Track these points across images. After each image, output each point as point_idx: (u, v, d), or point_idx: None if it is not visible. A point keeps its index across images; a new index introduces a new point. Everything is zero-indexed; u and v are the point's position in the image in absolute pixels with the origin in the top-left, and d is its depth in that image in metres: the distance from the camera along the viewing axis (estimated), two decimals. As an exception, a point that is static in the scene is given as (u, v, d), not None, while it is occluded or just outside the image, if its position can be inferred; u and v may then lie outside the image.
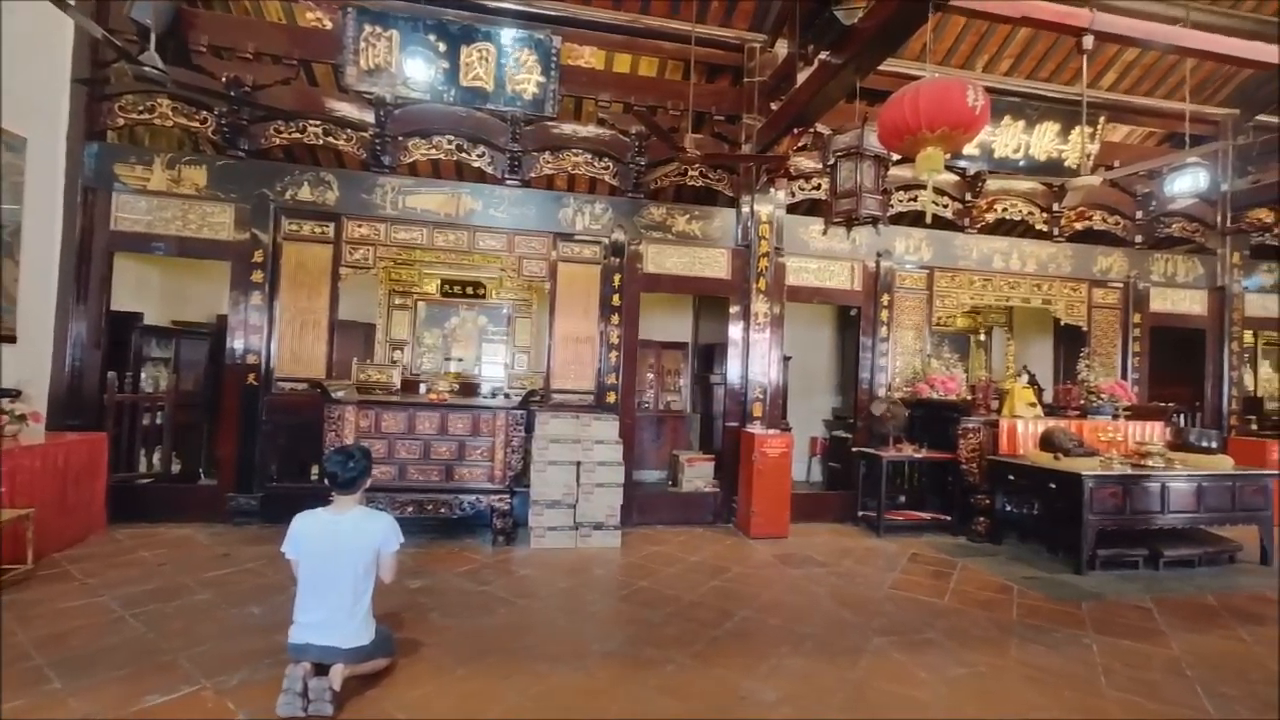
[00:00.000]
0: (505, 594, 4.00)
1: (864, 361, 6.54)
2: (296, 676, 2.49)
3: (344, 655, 2.59)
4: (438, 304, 7.75)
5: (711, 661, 3.16)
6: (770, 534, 5.52)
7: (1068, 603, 4.18)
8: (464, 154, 5.68)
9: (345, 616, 2.60)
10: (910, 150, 3.45)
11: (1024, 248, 7.03)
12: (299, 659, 2.57)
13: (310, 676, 2.52)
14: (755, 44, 5.99)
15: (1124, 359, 7.28)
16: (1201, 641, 3.61)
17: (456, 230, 5.76)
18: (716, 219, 6.20)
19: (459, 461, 5.04)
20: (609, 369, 5.96)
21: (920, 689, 2.96)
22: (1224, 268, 7.49)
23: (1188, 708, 2.85)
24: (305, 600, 2.64)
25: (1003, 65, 6.57)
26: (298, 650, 2.59)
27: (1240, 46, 4.58)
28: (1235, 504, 5.17)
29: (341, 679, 2.57)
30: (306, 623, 2.61)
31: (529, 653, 3.17)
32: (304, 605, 2.64)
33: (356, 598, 2.64)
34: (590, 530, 5.15)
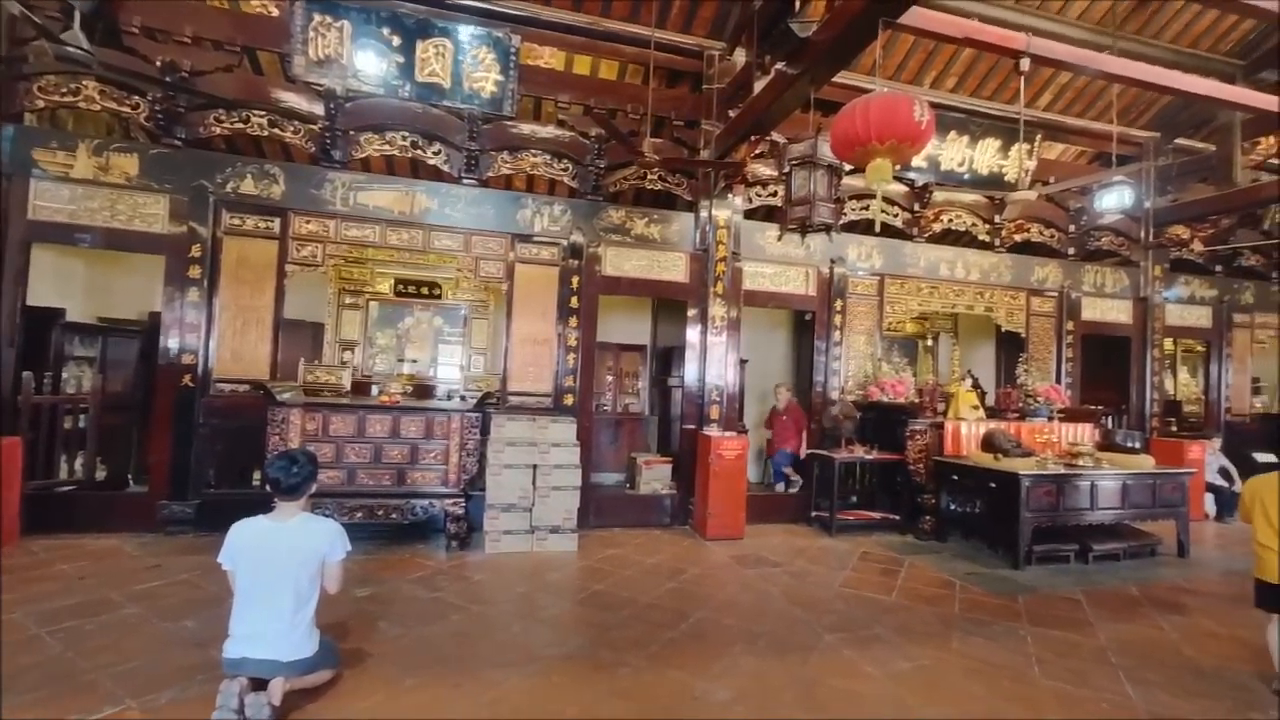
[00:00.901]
0: (458, 600, 3.91)
1: (818, 365, 6.70)
2: (232, 692, 2.37)
3: (284, 668, 2.48)
4: (391, 304, 7.53)
5: (666, 663, 3.17)
6: (726, 535, 5.58)
7: (1006, 597, 4.38)
8: (419, 151, 5.55)
9: (286, 627, 2.49)
10: (861, 161, 3.56)
11: (968, 257, 7.35)
12: (235, 674, 2.45)
13: (247, 692, 2.40)
14: (714, 51, 6.06)
15: (1058, 364, 7.68)
16: (1126, 631, 3.84)
17: (411, 229, 5.62)
18: (675, 223, 6.24)
19: (412, 465, 4.91)
20: (567, 371, 5.92)
21: (867, 684, 3.04)
22: (1146, 280, 8.01)
23: (1112, 694, 3.02)
24: (242, 611, 2.52)
25: (949, 82, 6.85)
26: (233, 665, 2.47)
27: (1160, 74, 4.93)
28: (1156, 500, 5.52)
29: (282, 693, 2.46)
30: (243, 635, 2.49)
31: (482, 660, 3.12)
32: (241, 617, 2.51)
33: (298, 607, 2.53)
34: (547, 533, 5.10)
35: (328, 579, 2.68)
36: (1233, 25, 6.61)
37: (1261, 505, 3.05)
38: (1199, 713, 2.87)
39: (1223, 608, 4.28)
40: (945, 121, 6.65)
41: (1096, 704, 2.92)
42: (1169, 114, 7.54)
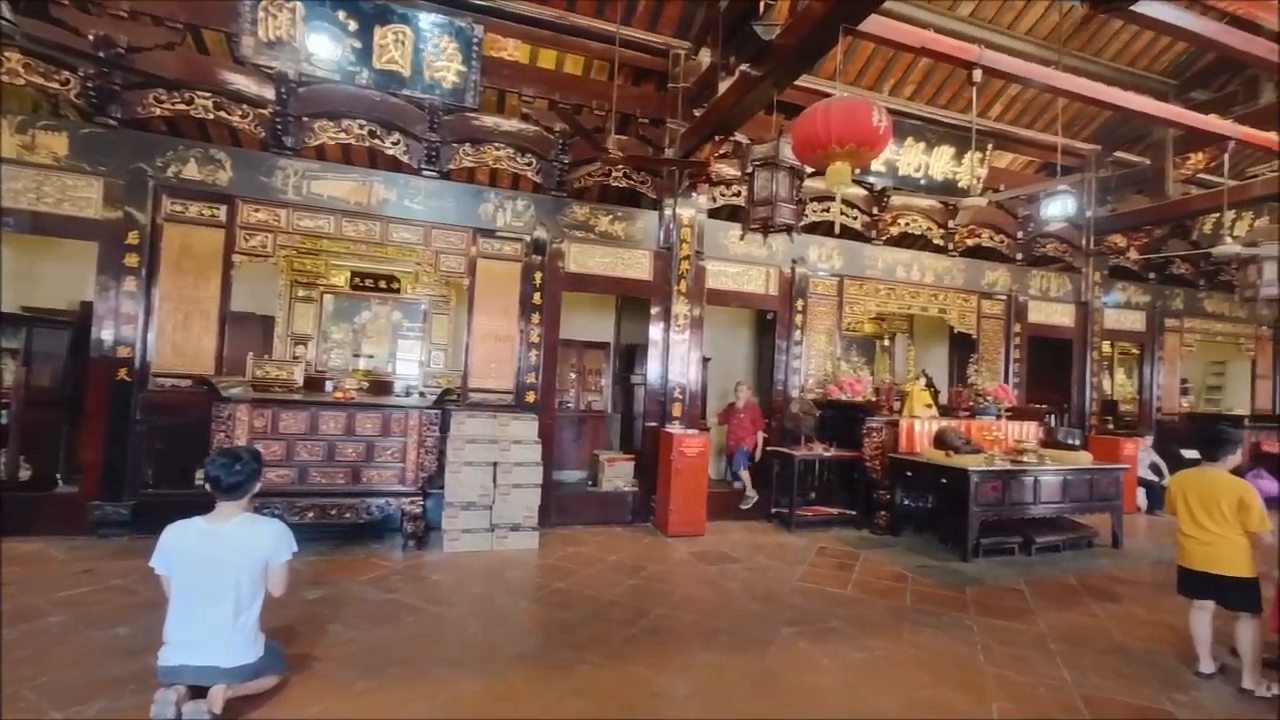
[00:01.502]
0: (414, 601, 3.83)
1: (779, 364, 6.82)
2: (168, 701, 2.26)
3: (225, 675, 2.38)
4: (347, 297, 7.30)
5: (626, 660, 3.17)
6: (687, 532, 5.62)
7: (954, 588, 4.54)
8: (377, 140, 5.39)
9: (226, 633, 2.38)
10: (821, 163, 3.62)
11: (923, 260, 7.58)
12: (172, 682, 2.34)
13: (185, 701, 2.29)
14: (680, 51, 6.08)
15: (1006, 365, 8.01)
16: (1064, 618, 4.03)
17: (368, 220, 5.46)
18: (639, 221, 6.25)
19: (367, 463, 4.78)
20: (529, 368, 5.86)
21: (822, 675, 3.11)
22: (1087, 285, 8.42)
23: (1050, 678, 3.17)
24: (178, 617, 2.40)
25: (907, 90, 7.06)
26: (170, 673, 2.35)
27: (1101, 90, 5.18)
28: (1093, 494, 5.81)
29: (223, 701, 2.36)
30: (180, 641, 2.37)
31: (437, 661, 3.06)
32: (177, 623, 2.39)
33: (239, 611, 2.42)
34: (507, 532, 5.04)
35: (272, 582, 2.58)
36: (1166, 47, 7.02)
37: (1184, 498, 3.25)
38: (1127, 694, 3.03)
39: (1151, 595, 4.53)
40: (903, 128, 6.84)
41: (1035, 688, 3.05)
42: (1109, 128, 7.94)
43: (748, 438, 6.80)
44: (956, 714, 2.80)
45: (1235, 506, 3.06)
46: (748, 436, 6.80)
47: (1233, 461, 3.28)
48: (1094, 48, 6.95)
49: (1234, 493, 3.09)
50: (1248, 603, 3.08)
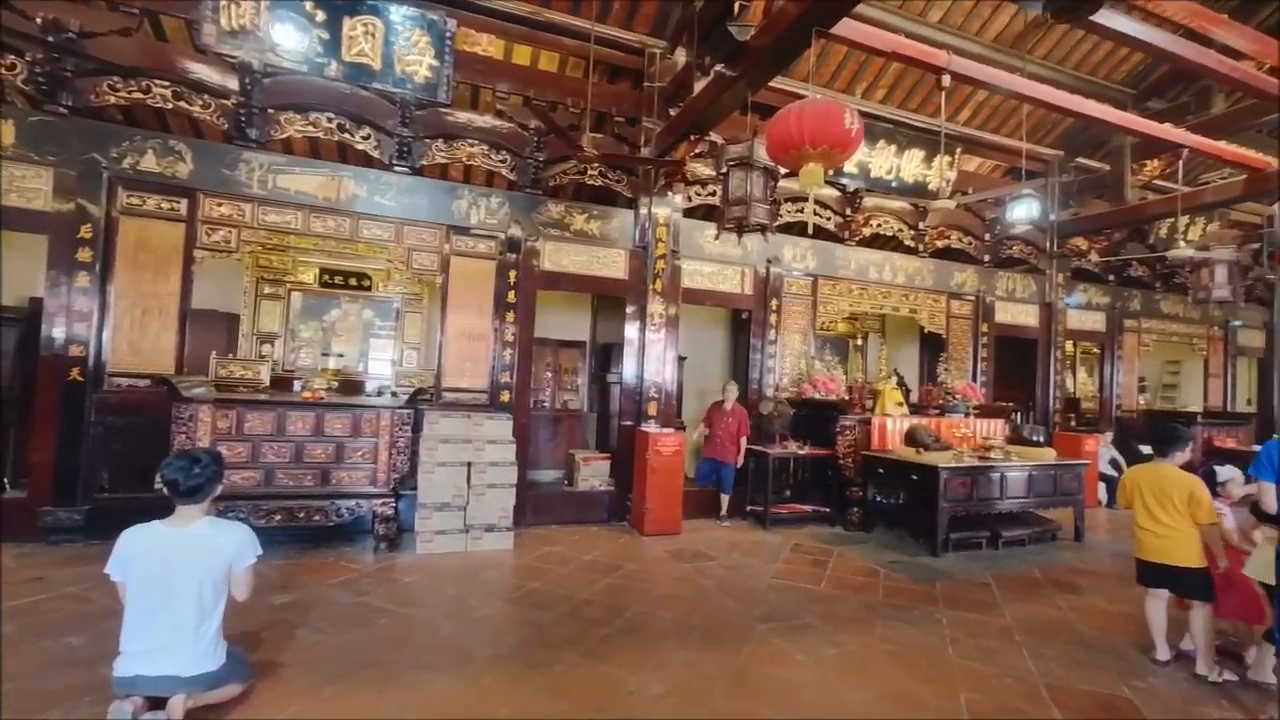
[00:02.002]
0: (386, 604, 3.76)
1: (754, 362, 6.87)
2: (125, 712, 2.18)
3: (185, 684, 2.30)
4: (316, 295, 7.12)
5: (601, 659, 3.16)
6: (663, 530, 5.63)
7: (925, 583, 4.63)
8: (347, 134, 5.26)
9: (187, 641, 2.30)
10: (795, 164, 3.66)
11: (895, 261, 7.72)
12: (128, 693, 2.25)
13: (142, 712, 2.21)
14: (656, 50, 6.09)
15: (974, 364, 8.21)
16: (1028, 610, 4.14)
17: (337, 216, 5.33)
18: (615, 219, 6.23)
19: (337, 464, 4.67)
20: (504, 367, 5.80)
21: (796, 670, 3.14)
22: (1051, 286, 8.67)
23: (1015, 668, 3.25)
24: (135, 625, 2.31)
25: (878, 94, 7.17)
26: (126, 684, 2.27)
27: (1063, 97, 5.33)
28: (1056, 489, 5.99)
29: (183, 711, 2.28)
30: (137, 651, 2.28)
31: (409, 664, 3.01)
32: (134, 631, 2.30)
33: (202, 618, 2.35)
34: (482, 532, 4.98)
35: (236, 587, 2.50)
36: (1124, 57, 7.26)
37: (1139, 492, 3.37)
38: (1087, 682, 3.13)
39: (1111, 587, 4.69)
40: (875, 131, 6.95)
41: (1001, 679, 3.13)
42: (1071, 134, 8.19)
43: (731, 448, 6.17)
44: (926, 706, 2.85)
45: (1186, 500, 3.18)
46: (731, 447, 6.17)
47: (1183, 457, 3.41)
48: (1057, 56, 7.16)
49: (1185, 487, 3.21)
50: (1200, 591, 3.20)
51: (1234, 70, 4.83)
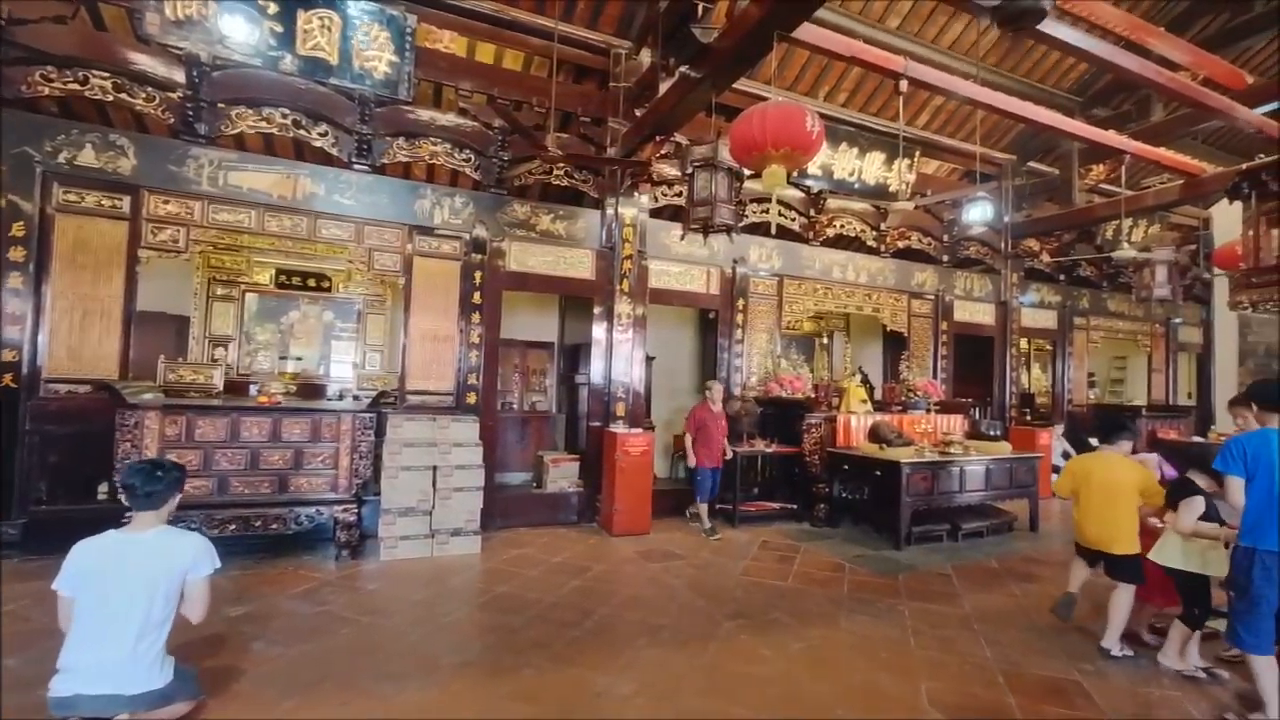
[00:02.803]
0: (348, 612, 3.66)
1: (721, 362, 6.92)
2: (62, 736, 2.06)
3: (129, 704, 2.19)
4: (273, 296, 6.88)
5: (569, 661, 3.14)
6: (632, 531, 5.62)
7: (888, 576, 4.74)
8: (303, 131, 5.11)
9: (128, 657, 2.19)
10: (758, 165, 3.70)
11: (858, 261, 7.88)
12: (65, 715, 2.14)
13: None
14: (621, 50, 6.09)
15: (935, 361, 8.44)
16: (986, 600, 4.28)
17: (294, 215, 5.17)
18: (581, 220, 6.20)
19: (295, 471, 4.53)
20: (470, 369, 5.72)
21: (764, 666, 3.18)
22: (1006, 286, 8.98)
23: (974, 656, 3.36)
24: (78, 640, 2.19)
25: (840, 97, 7.32)
26: (63, 705, 2.15)
27: (1015, 104, 5.52)
28: (1012, 482, 6.20)
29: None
30: (76, 668, 2.16)
31: (372, 673, 2.94)
32: (75, 646, 2.18)
33: (146, 632, 2.23)
34: (448, 537, 4.90)
35: (191, 601, 2.38)
36: (1071, 66, 7.57)
37: (1088, 481, 3.54)
38: (1040, 667, 3.25)
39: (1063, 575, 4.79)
40: (838, 134, 7.09)
41: (960, 667, 3.22)
42: (1023, 140, 8.50)
43: (716, 451, 5.86)
44: (888, 696, 2.91)
45: (1135, 484, 3.39)
46: (716, 450, 5.85)
47: (1128, 447, 3.58)
48: (1009, 64, 7.42)
49: (1135, 474, 3.41)
50: (1132, 575, 3.40)
51: (1170, 80, 5.09)
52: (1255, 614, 2.69)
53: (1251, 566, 2.71)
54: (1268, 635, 2.70)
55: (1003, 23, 3.62)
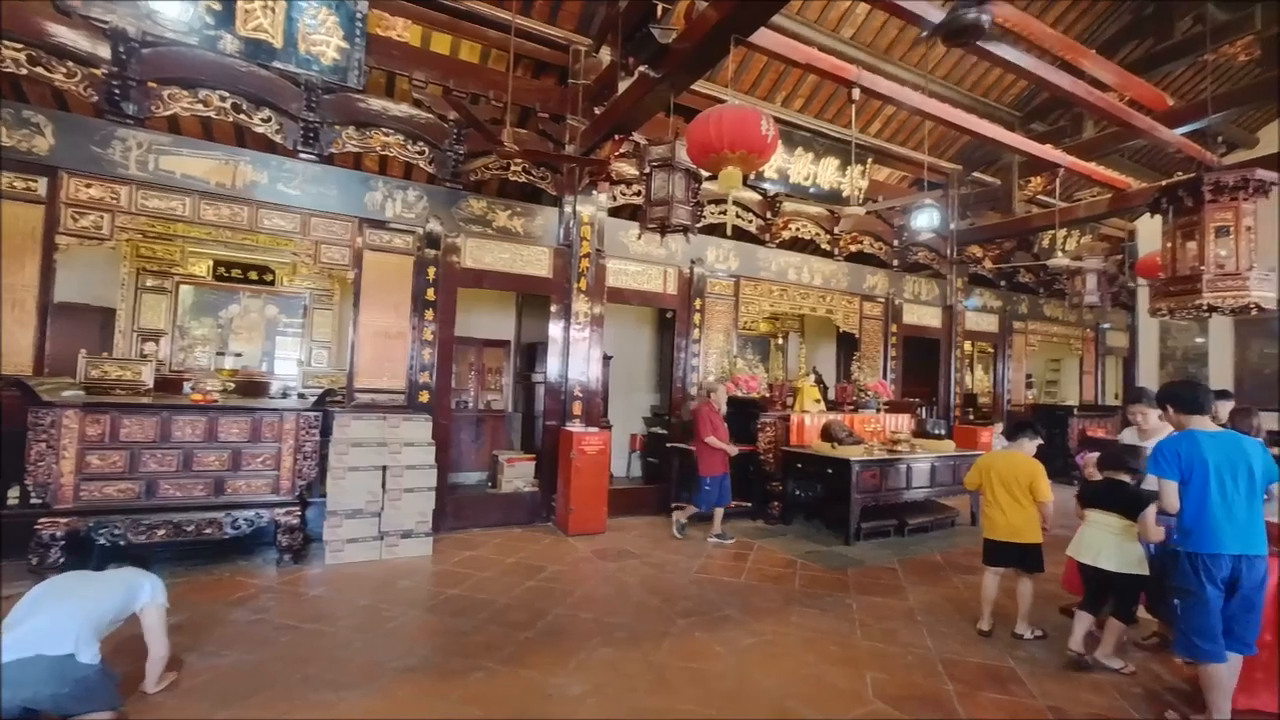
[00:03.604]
0: (289, 620, 3.51)
1: (679, 361, 6.96)
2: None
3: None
4: (211, 289, 6.52)
5: (521, 663, 3.10)
6: (588, 530, 5.60)
7: (838, 571, 4.86)
8: (244, 116, 4.86)
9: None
10: (714, 167, 3.73)
11: (813, 264, 8.06)
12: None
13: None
14: (581, 47, 6.04)
15: (885, 362, 8.71)
16: (929, 592, 4.44)
17: (234, 204, 4.91)
18: (539, 217, 6.13)
19: (233, 472, 4.32)
20: (423, 367, 5.57)
21: (716, 662, 3.21)
22: (951, 290, 9.35)
23: (917, 647, 3.48)
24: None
25: (797, 103, 7.46)
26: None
27: (960, 116, 5.74)
28: (955, 478, 6.44)
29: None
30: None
31: (314, 682, 2.83)
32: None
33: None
34: (398, 539, 4.77)
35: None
36: (1012, 82, 7.94)
37: (992, 476, 3.73)
38: (978, 655, 3.39)
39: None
40: (794, 138, 7.24)
41: (904, 657, 3.34)
42: (969, 150, 8.86)
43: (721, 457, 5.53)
44: (835, 687, 2.99)
45: (1029, 483, 3.59)
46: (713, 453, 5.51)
47: (1031, 446, 3.79)
48: (955, 77, 7.73)
49: (1029, 467, 3.63)
50: (1038, 564, 3.63)
51: (1100, 100, 5.38)
52: (1207, 618, 2.61)
53: (1196, 572, 2.63)
54: (1219, 638, 2.61)
55: (946, 37, 3.76)
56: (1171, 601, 2.75)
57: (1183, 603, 2.68)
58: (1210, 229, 4.89)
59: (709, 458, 5.54)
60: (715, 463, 5.54)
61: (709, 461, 5.54)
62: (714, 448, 5.51)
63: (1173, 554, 2.77)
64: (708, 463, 5.54)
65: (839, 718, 2.74)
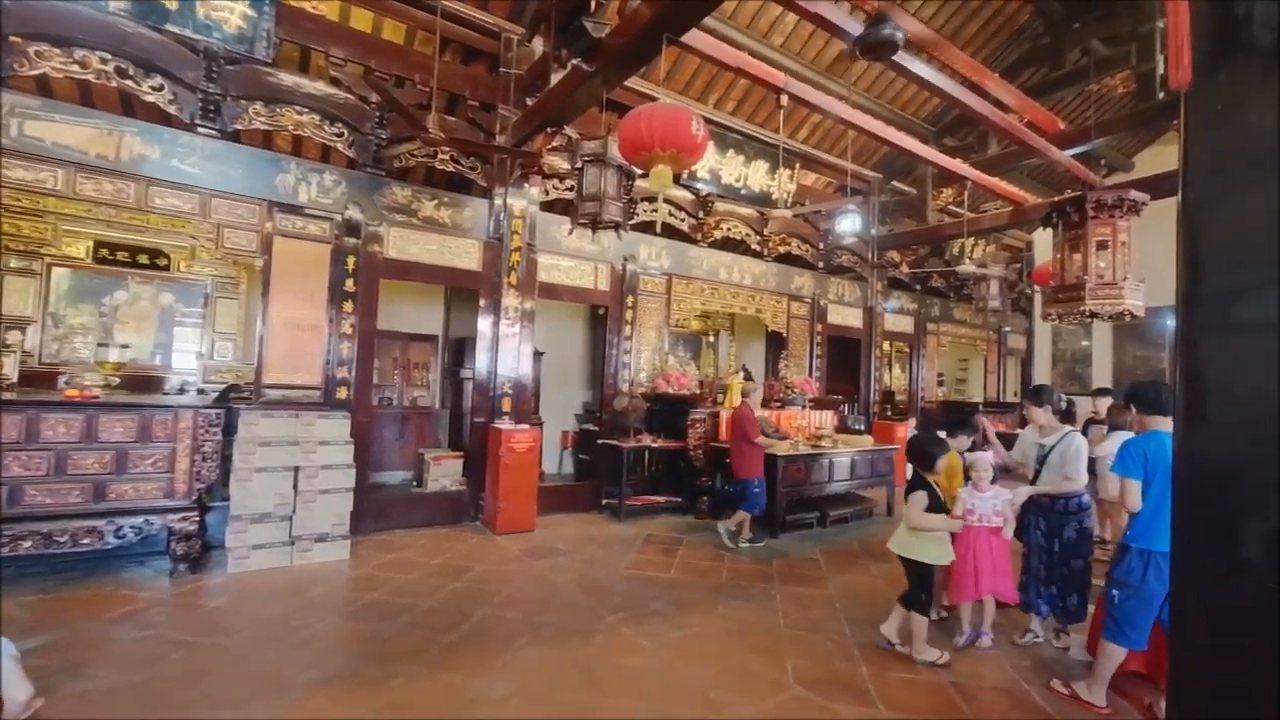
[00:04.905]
0: (182, 634, 3.23)
1: (611, 358, 6.94)
2: None
3: None
4: (91, 272, 5.87)
5: (443, 667, 3.00)
6: (517, 528, 5.49)
7: (764, 563, 5.00)
8: (130, 82, 4.39)
9: None
10: (645, 164, 3.73)
11: (743, 264, 8.25)
12: None
13: None
14: (513, 35, 5.90)
15: (810, 360, 9.05)
16: (848, 580, 4.65)
17: (118, 179, 4.43)
18: (468, 208, 5.94)
19: (117, 476, 3.93)
20: (341, 361, 5.27)
21: (643, 656, 3.22)
22: (872, 292, 9.85)
23: (835, 633, 3.63)
24: None
25: (729, 105, 7.62)
26: None
27: (879, 127, 6.03)
28: (873, 471, 6.80)
29: None
30: None
31: (210, 700, 2.62)
32: None
33: None
34: (311, 543, 4.50)
35: None
36: (928, 98, 8.44)
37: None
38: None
39: (911, 552, 5.42)
40: (726, 140, 7.37)
41: (823, 644, 3.48)
42: (889, 160, 9.35)
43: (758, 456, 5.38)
44: (758, 676, 3.07)
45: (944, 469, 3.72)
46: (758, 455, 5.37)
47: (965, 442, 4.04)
48: (876, 90, 8.13)
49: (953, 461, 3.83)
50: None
51: (1002, 120, 5.82)
52: (1145, 612, 2.76)
53: (1146, 569, 2.74)
54: (1147, 631, 2.79)
55: (864, 51, 3.93)
56: (1109, 592, 2.90)
57: (1121, 594, 2.82)
58: (1092, 242, 5.38)
59: (754, 460, 5.38)
60: (759, 464, 5.41)
61: (754, 463, 5.38)
62: (758, 449, 5.38)
63: (1123, 548, 2.88)
64: (753, 465, 5.37)
65: (760, 705, 2.82)
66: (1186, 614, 1.11)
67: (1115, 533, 4.77)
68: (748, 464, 5.35)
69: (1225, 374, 1.04)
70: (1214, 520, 1.04)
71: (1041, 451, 3.58)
